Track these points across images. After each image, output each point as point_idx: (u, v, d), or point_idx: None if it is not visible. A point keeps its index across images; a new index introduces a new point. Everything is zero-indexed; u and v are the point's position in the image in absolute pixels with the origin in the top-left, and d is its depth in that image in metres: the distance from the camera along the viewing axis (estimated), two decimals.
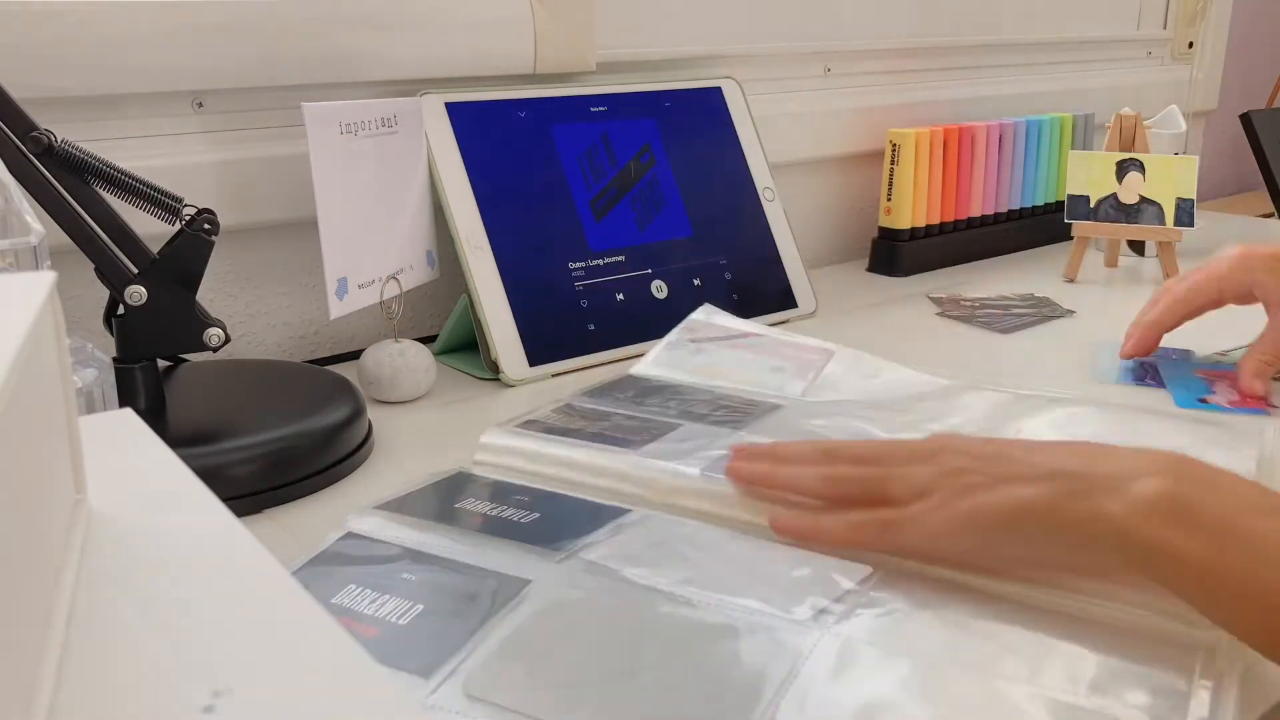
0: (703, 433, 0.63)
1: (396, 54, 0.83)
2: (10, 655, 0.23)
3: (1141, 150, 1.08)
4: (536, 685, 0.41)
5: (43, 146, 0.58)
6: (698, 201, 0.93)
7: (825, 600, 0.47)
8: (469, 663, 0.43)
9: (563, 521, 0.54)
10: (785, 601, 0.47)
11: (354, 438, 0.65)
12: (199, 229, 0.62)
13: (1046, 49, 1.39)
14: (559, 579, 0.48)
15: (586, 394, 0.71)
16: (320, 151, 0.70)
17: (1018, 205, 1.21)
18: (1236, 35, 1.67)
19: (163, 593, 0.29)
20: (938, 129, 1.12)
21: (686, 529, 0.54)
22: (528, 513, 0.55)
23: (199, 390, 0.68)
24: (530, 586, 0.48)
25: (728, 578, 0.49)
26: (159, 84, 0.74)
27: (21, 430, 0.27)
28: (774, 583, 0.48)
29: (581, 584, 0.48)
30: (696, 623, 0.45)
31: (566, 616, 0.46)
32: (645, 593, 0.48)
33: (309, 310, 0.86)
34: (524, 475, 0.60)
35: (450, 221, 0.79)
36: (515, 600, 0.47)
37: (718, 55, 1.06)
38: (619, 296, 0.85)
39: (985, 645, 0.44)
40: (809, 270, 0.98)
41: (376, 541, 0.52)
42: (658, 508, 0.56)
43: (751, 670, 0.42)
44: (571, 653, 0.44)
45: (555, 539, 0.52)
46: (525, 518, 0.54)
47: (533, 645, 0.44)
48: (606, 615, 0.46)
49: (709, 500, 0.56)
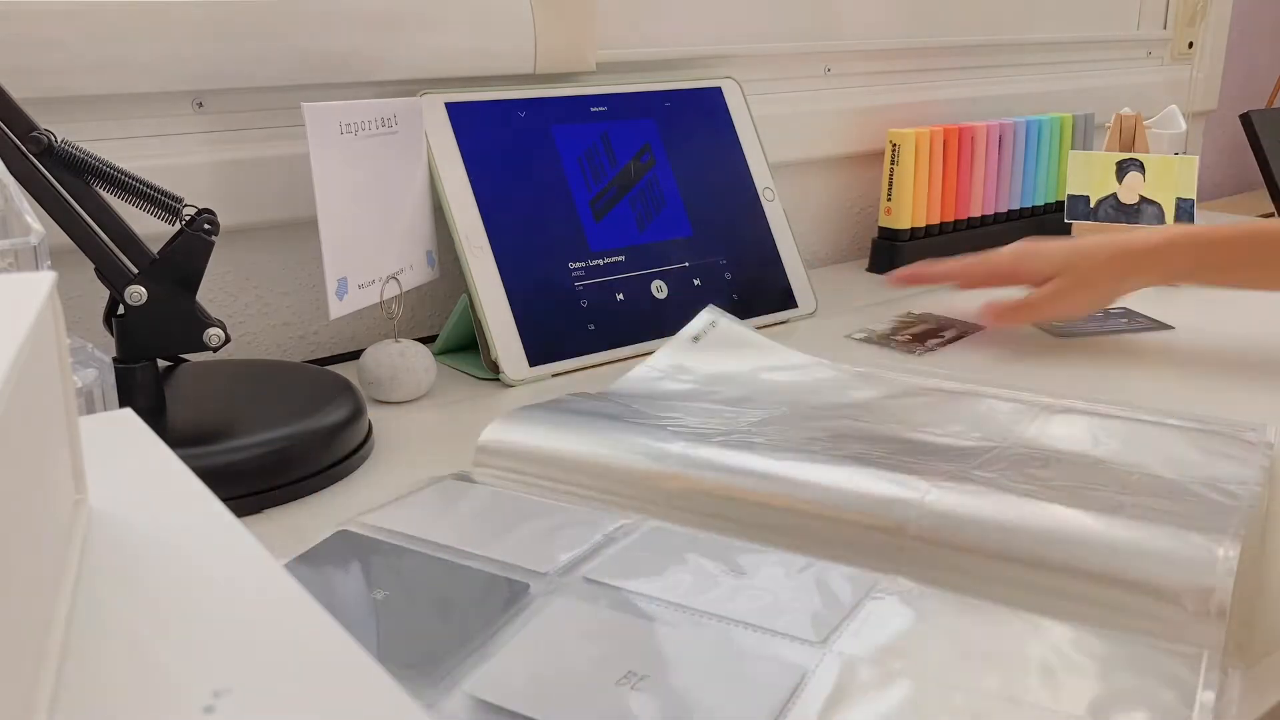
0: (699, 421, 0.63)
1: (396, 54, 0.83)
2: (10, 655, 0.23)
3: (1141, 150, 1.08)
4: (541, 690, 0.41)
5: (43, 146, 0.58)
6: (698, 201, 0.93)
7: (827, 614, 0.47)
8: (473, 665, 0.43)
9: (556, 530, 0.54)
10: (788, 621, 0.46)
11: (354, 438, 0.65)
12: (199, 229, 0.62)
13: (1046, 49, 1.39)
14: (561, 588, 0.48)
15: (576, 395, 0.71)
16: (320, 151, 0.70)
17: (1018, 205, 1.21)
18: (1236, 35, 1.67)
19: (163, 593, 0.29)
20: (938, 129, 1.12)
21: (680, 539, 0.53)
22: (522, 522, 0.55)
23: (199, 390, 0.68)
24: (533, 590, 0.48)
25: (727, 594, 0.48)
26: (159, 84, 0.75)
27: (21, 430, 0.27)
28: (776, 594, 0.48)
29: (584, 595, 0.48)
30: (696, 639, 0.45)
31: (570, 623, 0.46)
32: (648, 603, 0.47)
33: (309, 310, 0.86)
34: (522, 477, 0.60)
35: (450, 221, 0.79)
36: (520, 604, 0.47)
37: (718, 55, 1.06)
38: (619, 296, 0.85)
39: (987, 662, 0.44)
40: (809, 270, 0.98)
41: (371, 539, 0.52)
42: (654, 505, 0.56)
43: (754, 685, 0.42)
44: (575, 659, 0.43)
45: (551, 553, 0.51)
46: (519, 527, 0.54)
47: (537, 650, 0.44)
48: (608, 624, 0.46)
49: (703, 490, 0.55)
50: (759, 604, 0.47)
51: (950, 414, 0.67)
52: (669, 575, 0.50)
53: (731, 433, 0.62)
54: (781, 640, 0.45)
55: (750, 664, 0.43)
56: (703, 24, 1.06)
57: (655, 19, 1.03)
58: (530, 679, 0.42)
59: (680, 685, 0.42)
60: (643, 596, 0.48)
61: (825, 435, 0.62)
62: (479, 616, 0.46)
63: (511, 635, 0.45)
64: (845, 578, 0.49)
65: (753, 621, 0.46)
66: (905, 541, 0.51)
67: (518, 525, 0.54)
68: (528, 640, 0.44)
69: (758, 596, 0.48)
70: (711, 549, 0.52)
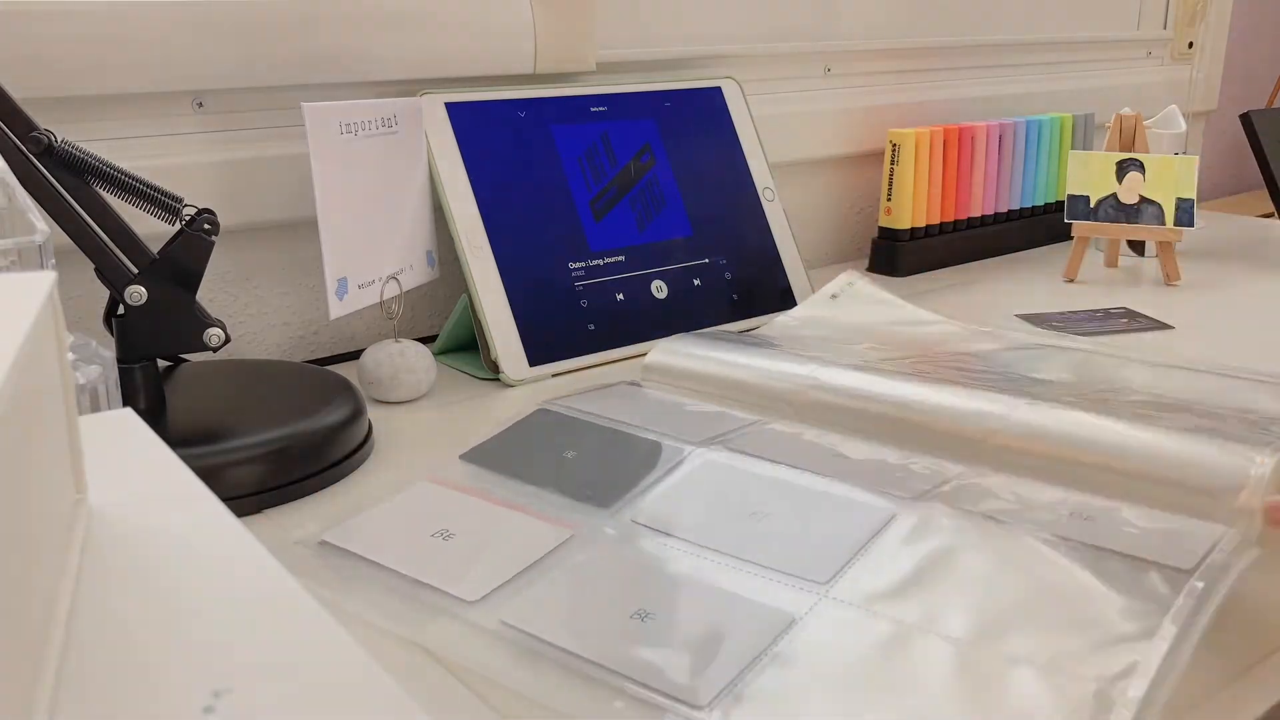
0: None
1: (396, 54, 0.83)
2: (10, 655, 0.23)
3: (1141, 150, 1.08)
4: (568, 621, 0.47)
5: (43, 146, 0.58)
6: (698, 201, 0.93)
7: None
8: (509, 594, 0.49)
9: (703, 418, 0.65)
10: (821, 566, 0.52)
11: (354, 438, 0.65)
12: (199, 229, 0.62)
13: (1046, 49, 1.39)
14: (606, 531, 0.54)
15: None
16: (320, 151, 0.70)
17: (1018, 205, 1.21)
18: (1236, 35, 1.67)
19: (163, 593, 0.29)
20: (938, 129, 1.12)
21: (790, 438, 0.62)
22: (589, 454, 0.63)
23: (199, 390, 0.68)
24: (576, 533, 0.54)
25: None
26: (159, 84, 0.75)
27: (21, 430, 0.27)
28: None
29: (628, 536, 0.55)
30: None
31: (607, 564, 0.51)
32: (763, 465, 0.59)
33: (309, 310, 0.86)
34: (678, 389, 0.71)
35: (450, 221, 0.79)
36: (676, 461, 0.59)
37: (718, 55, 1.06)
38: (619, 296, 0.86)
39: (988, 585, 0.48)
40: (809, 270, 0.98)
41: (564, 415, 0.66)
42: (783, 411, 0.66)
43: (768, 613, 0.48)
44: (603, 595, 0.48)
45: (609, 493, 0.58)
46: (584, 460, 0.61)
47: (570, 586, 0.49)
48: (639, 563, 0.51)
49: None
50: (861, 472, 0.57)
51: (1058, 364, 0.75)
52: (788, 453, 0.60)
53: (857, 364, 0.70)
54: (877, 494, 0.54)
55: (850, 506, 0.55)
56: (703, 24, 1.06)
57: (655, 19, 1.03)
58: (681, 511, 0.54)
59: (794, 515, 0.53)
60: (764, 463, 0.59)
61: (942, 370, 0.70)
62: (643, 468, 0.59)
63: (670, 480, 0.58)
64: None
65: (854, 482, 0.56)
66: (989, 450, 0.59)
67: (673, 414, 0.67)
68: (679, 484, 0.57)
69: (859, 469, 0.58)
70: (823, 441, 0.62)
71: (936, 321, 0.86)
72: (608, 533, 0.53)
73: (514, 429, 0.65)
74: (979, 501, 0.54)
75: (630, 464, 0.60)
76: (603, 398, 0.70)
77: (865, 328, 0.84)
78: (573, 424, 0.65)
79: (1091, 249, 1.16)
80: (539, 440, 0.63)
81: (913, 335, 0.82)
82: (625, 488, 0.57)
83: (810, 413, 0.65)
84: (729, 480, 0.57)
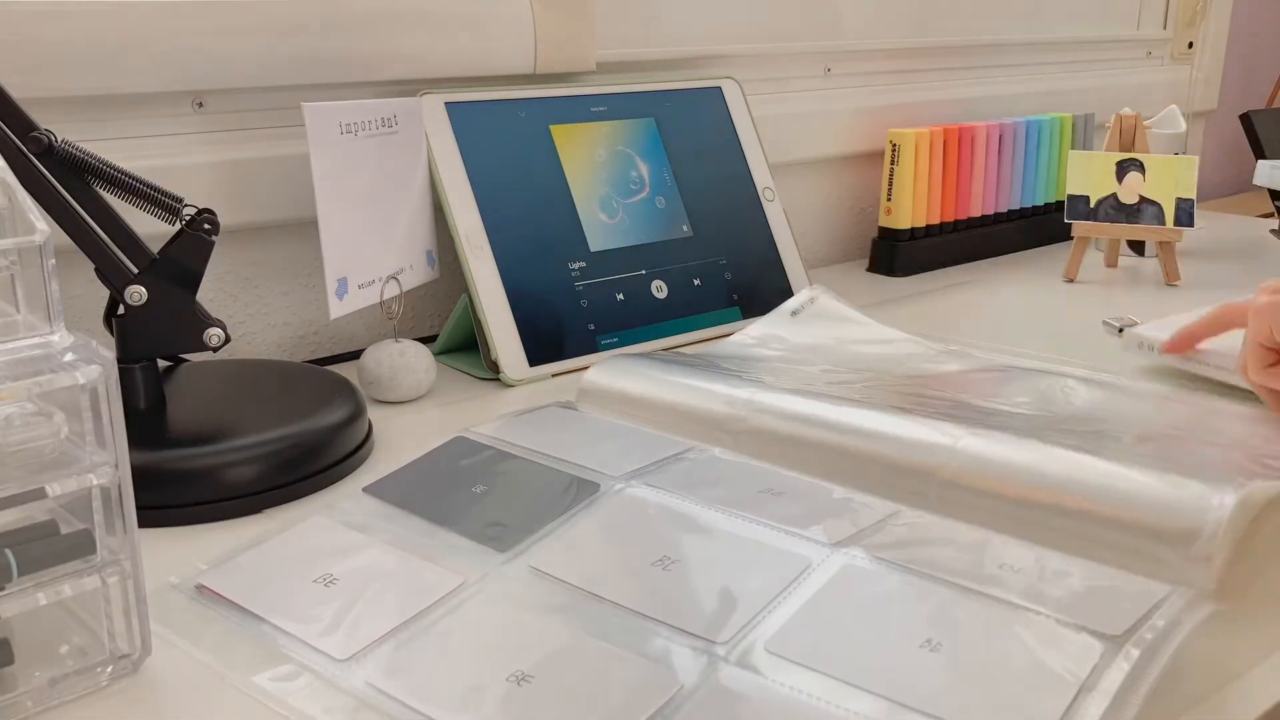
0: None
1: (396, 54, 0.83)
2: None
3: (1141, 150, 1.08)
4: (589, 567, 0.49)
5: (43, 146, 0.58)
6: (698, 201, 0.93)
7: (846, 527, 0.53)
8: (537, 545, 0.52)
9: (630, 448, 0.63)
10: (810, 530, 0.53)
11: (354, 438, 0.65)
12: (199, 229, 0.62)
13: (1047, 49, 1.39)
14: (499, 579, 0.51)
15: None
16: (320, 151, 0.70)
17: (1018, 205, 1.21)
18: (1236, 35, 1.67)
19: None
20: (938, 129, 1.12)
21: (732, 466, 0.60)
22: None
23: (199, 390, 0.68)
24: (602, 489, 0.57)
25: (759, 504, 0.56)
26: (159, 84, 0.75)
27: None
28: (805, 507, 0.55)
29: (639, 495, 0.56)
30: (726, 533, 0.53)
31: (493, 614, 0.48)
32: (690, 506, 0.56)
33: (309, 310, 0.86)
34: (613, 412, 0.67)
35: (450, 221, 0.79)
36: (589, 500, 0.56)
37: (718, 55, 1.06)
38: (619, 296, 0.85)
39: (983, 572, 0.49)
40: (809, 270, 0.98)
41: (480, 444, 0.63)
42: (720, 440, 0.63)
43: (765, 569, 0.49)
44: (481, 656, 0.45)
45: (512, 535, 0.55)
46: (494, 496, 0.59)
47: (443, 645, 0.46)
48: (525, 618, 0.48)
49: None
50: (787, 514, 0.54)
51: (1020, 388, 0.71)
52: (715, 488, 0.57)
53: (801, 387, 0.67)
54: (796, 539, 0.52)
55: (766, 553, 0.51)
56: (703, 24, 1.06)
57: (655, 19, 1.03)
58: (582, 557, 0.51)
59: (703, 564, 0.50)
60: (687, 502, 0.56)
61: (892, 396, 0.67)
62: (555, 506, 0.56)
63: (578, 522, 0.54)
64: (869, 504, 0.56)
65: (777, 524, 0.53)
66: (934, 485, 0.56)
67: (601, 441, 0.63)
68: (587, 526, 0.54)
69: (787, 508, 0.55)
70: (756, 475, 0.59)
71: (901, 340, 0.81)
72: (500, 582, 0.50)
73: (426, 459, 0.62)
74: (906, 549, 0.51)
75: (542, 501, 0.56)
76: (529, 423, 0.66)
77: (822, 348, 0.79)
78: (489, 455, 0.62)
79: (1091, 249, 1.16)
80: (449, 472, 0.60)
81: (873, 354, 0.78)
82: (531, 529, 0.53)
83: (746, 441, 0.62)
84: (642, 521, 0.54)
